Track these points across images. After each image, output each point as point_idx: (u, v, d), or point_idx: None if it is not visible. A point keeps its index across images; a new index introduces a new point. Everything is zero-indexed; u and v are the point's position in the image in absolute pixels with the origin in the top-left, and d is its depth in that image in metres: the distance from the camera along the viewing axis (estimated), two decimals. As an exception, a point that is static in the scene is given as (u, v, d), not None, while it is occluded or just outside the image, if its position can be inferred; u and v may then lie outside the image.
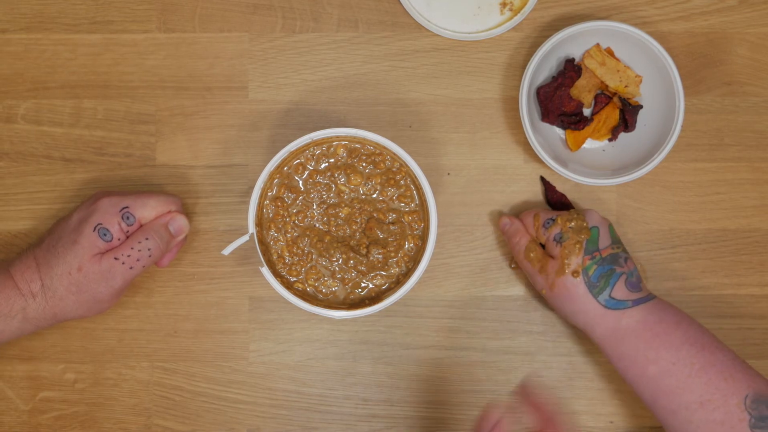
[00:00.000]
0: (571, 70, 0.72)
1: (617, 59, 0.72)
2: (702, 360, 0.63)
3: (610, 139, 0.74)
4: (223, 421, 0.74)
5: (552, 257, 0.68)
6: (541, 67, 0.72)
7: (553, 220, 0.68)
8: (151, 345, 0.74)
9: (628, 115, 0.72)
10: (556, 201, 0.74)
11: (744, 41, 0.74)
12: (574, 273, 0.66)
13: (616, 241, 0.68)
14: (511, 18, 0.73)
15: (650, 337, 0.64)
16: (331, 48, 0.74)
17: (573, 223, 0.67)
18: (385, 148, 0.68)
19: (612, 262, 0.66)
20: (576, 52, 0.73)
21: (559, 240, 0.67)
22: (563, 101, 0.72)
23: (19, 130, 0.74)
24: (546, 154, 0.70)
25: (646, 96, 0.72)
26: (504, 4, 0.74)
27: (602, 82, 0.72)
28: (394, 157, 0.69)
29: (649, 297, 0.66)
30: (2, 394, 0.73)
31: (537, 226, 0.69)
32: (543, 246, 0.69)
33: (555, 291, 0.67)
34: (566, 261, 0.66)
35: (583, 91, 0.72)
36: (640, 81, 0.72)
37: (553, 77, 0.72)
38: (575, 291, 0.66)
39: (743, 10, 0.74)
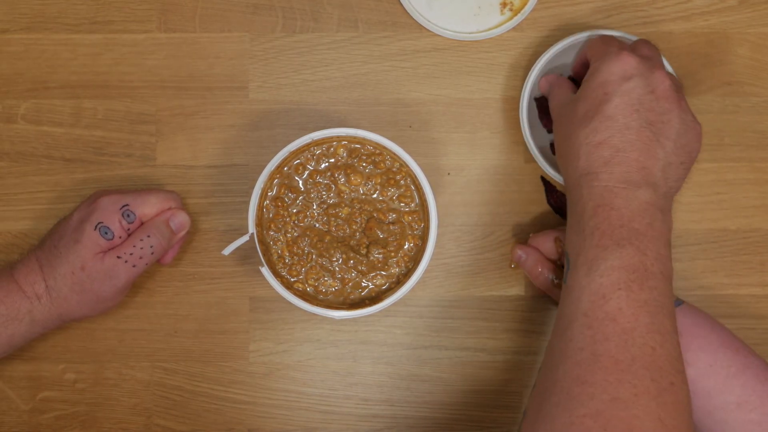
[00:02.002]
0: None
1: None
2: (738, 363, 0.63)
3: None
4: (223, 421, 0.74)
5: None
6: (542, 73, 0.71)
7: None
8: (151, 345, 0.74)
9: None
10: (556, 201, 0.74)
11: (744, 41, 0.74)
12: None
13: None
14: (511, 18, 0.73)
15: (688, 340, 0.64)
16: (332, 48, 0.74)
17: None
18: (385, 148, 0.68)
19: None
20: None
21: None
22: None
23: (19, 130, 0.74)
24: (544, 160, 0.70)
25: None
26: (504, 4, 0.74)
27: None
28: (395, 157, 0.69)
29: (678, 302, 0.66)
30: (2, 394, 0.73)
31: (561, 252, 0.69)
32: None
33: None
34: None
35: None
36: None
37: None
38: None
39: (744, 10, 0.74)
